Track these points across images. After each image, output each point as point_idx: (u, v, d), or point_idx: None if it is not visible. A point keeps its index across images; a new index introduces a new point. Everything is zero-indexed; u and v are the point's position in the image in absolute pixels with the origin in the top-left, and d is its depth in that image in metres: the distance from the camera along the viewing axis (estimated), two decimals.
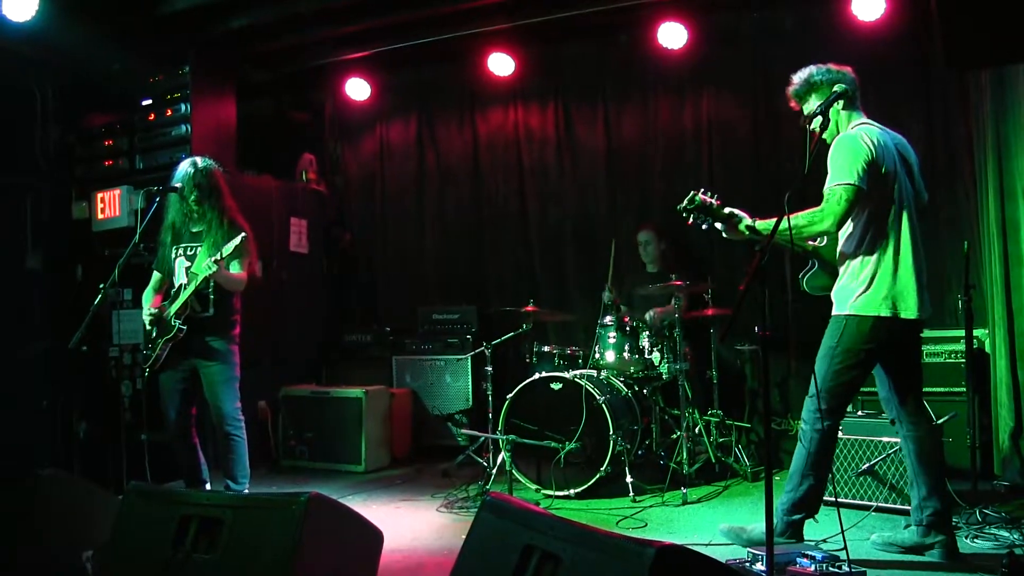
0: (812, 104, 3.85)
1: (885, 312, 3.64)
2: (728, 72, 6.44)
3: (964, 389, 4.96)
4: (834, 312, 3.79)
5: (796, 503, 3.76)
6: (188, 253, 4.80)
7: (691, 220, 3.91)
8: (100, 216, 6.55)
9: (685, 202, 3.88)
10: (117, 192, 6.46)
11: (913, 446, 3.82)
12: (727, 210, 3.85)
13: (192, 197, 4.73)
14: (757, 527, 3.88)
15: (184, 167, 4.79)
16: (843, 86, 3.77)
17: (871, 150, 3.62)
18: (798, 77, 3.92)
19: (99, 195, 6.56)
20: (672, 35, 6.20)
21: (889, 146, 3.72)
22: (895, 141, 3.80)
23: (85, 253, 6.65)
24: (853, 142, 3.66)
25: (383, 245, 7.80)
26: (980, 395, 5.09)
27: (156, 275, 4.96)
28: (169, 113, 6.46)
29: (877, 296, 3.65)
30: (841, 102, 3.78)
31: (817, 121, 3.68)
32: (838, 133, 3.80)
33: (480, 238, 7.40)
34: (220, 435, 4.73)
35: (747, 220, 3.82)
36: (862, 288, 3.67)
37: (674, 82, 6.61)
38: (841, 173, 3.61)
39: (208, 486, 4.88)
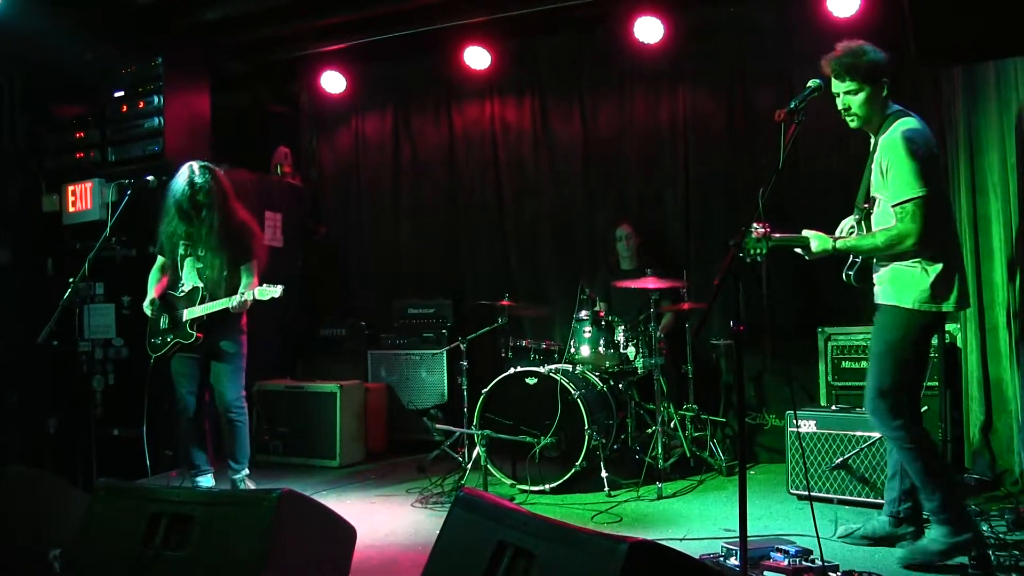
0: (845, 84, 3.64)
1: (934, 306, 3.56)
2: (704, 67, 6.45)
3: (936, 384, 5.01)
4: (888, 303, 3.66)
5: (946, 503, 3.56)
6: (199, 253, 4.93)
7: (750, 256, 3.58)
8: (71, 209, 6.47)
9: (744, 244, 3.38)
10: (88, 185, 6.38)
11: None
12: (777, 236, 3.54)
13: (197, 211, 4.86)
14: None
15: (181, 181, 4.86)
16: (887, 80, 3.63)
17: (930, 150, 3.53)
18: (847, 48, 3.63)
19: (70, 188, 6.47)
20: (649, 29, 6.20)
21: (931, 137, 3.64)
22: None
23: (55, 246, 6.56)
24: (914, 144, 3.51)
25: (358, 238, 7.75)
26: (952, 389, 5.14)
27: (159, 259, 5.09)
28: (142, 105, 6.37)
29: (935, 288, 3.55)
30: (886, 88, 3.64)
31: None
32: (879, 124, 3.67)
33: (456, 232, 7.37)
34: (223, 420, 5.00)
35: (820, 241, 3.68)
36: (924, 280, 3.55)
37: (650, 76, 6.61)
38: (910, 186, 3.47)
39: (211, 478, 4.99)
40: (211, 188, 4.85)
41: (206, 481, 4.98)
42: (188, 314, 4.85)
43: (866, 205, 3.73)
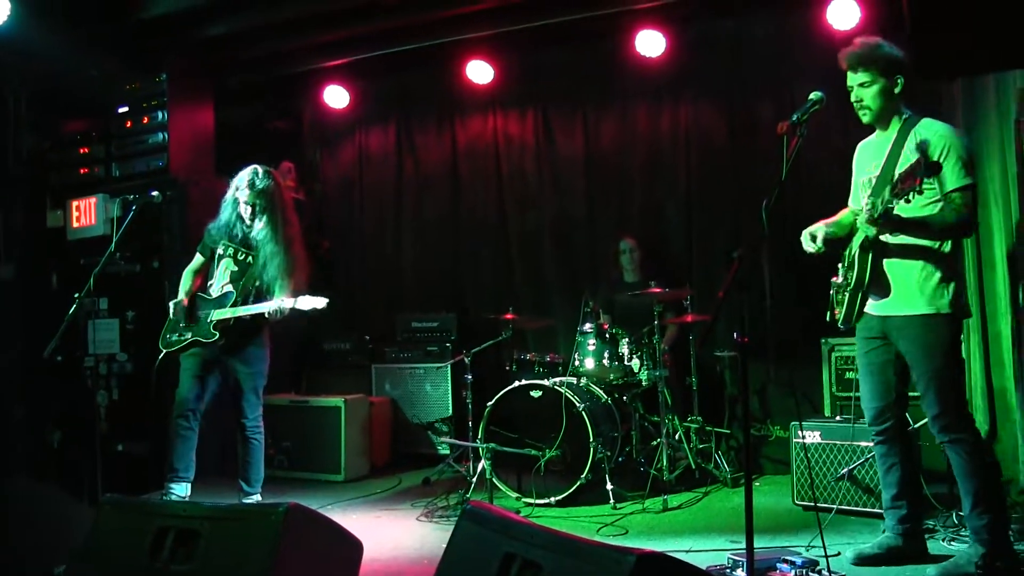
0: (859, 75, 3.64)
1: (963, 313, 3.55)
2: (705, 80, 6.48)
3: None
4: (921, 312, 3.55)
5: (993, 526, 3.50)
6: (239, 257, 4.83)
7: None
8: (75, 224, 6.49)
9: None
10: (93, 200, 6.41)
11: (905, 453, 3.82)
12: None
13: (251, 214, 4.78)
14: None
15: (243, 184, 4.77)
16: (900, 78, 3.61)
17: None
18: (864, 42, 3.66)
19: (74, 203, 6.50)
20: (650, 43, 6.22)
21: None
22: None
23: (60, 262, 6.58)
24: (964, 137, 3.55)
25: (362, 252, 7.77)
26: None
27: (199, 258, 4.99)
28: (146, 120, 6.40)
29: (958, 295, 3.52)
30: (900, 84, 3.62)
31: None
32: (892, 122, 3.67)
33: (459, 245, 7.39)
34: (240, 438, 4.88)
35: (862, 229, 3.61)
36: (951, 286, 3.53)
37: (652, 90, 6.64)
38: (968, 174, 3.45)
39: (187, 487, 4.77)
40: (270, 193, 4.76)
41: (180, 489, 4.73)
42: (216, 315, 4.71)
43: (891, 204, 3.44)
